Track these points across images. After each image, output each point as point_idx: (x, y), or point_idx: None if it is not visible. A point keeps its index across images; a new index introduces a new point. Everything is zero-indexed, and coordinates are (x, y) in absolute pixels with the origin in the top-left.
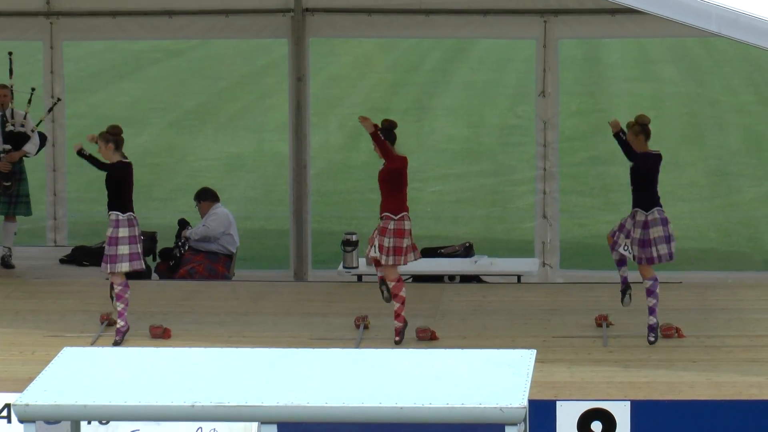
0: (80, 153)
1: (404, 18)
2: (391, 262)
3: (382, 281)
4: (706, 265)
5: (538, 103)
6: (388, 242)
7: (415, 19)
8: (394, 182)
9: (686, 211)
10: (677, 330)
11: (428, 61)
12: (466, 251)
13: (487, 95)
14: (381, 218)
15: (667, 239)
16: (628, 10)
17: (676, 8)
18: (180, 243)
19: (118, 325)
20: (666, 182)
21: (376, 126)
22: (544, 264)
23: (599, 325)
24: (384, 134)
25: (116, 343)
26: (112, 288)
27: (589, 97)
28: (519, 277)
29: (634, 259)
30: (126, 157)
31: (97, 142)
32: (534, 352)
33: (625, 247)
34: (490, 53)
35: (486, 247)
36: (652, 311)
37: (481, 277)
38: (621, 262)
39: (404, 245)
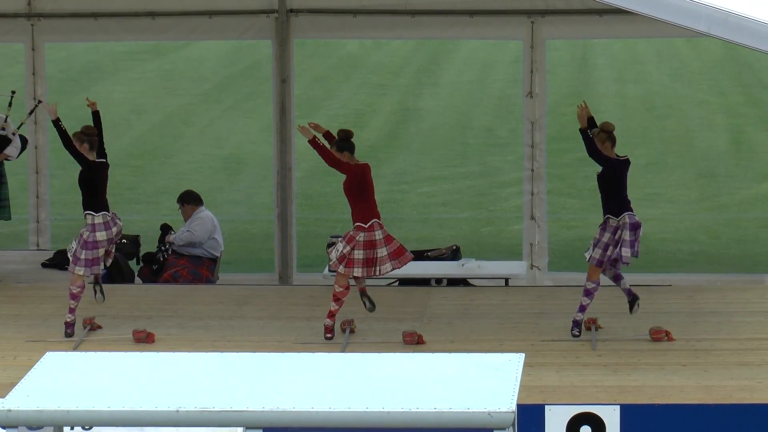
0: (56, 123)
1: (389, 19)
2: (341, 271)
3: (363, 293)
4: (696, 268)
5: (526, 104)
6: (347, 250)
7: (400, 20)
8: (358, 191)
9: (675, 213)
10: (667, 333)
11: (414, 62)
12: (453, 254)
13: (474, 96)
14: (354, 228)
15: (631, 243)
16: (616, 10)
17: (664, 8)
18: (163, 248)
19: (67, 319)
20: (654, 184)
21: (315, 136)
22: (532, 266)
23: (588, 329)
24: (341, 145)
25: (68, 335)
26: (96, 284)
27: (577, 98)
28: (507, 280)
29: (588, 260)
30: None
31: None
32: (522, 355)
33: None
34: (477, 54)
35: (473, 250)
36: (582, 308)
37: (468, 280)
38: (617, 277)
39: (377, 256)
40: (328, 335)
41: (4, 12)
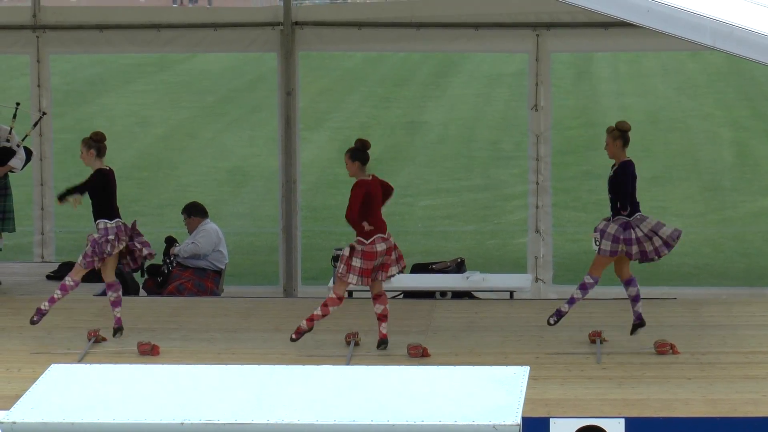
0: (62, 201)
1: (394, 31)
2: (341, 271)
3: (382, 341)
4: (700, 281)
5: (531, 117)
6: (356, 261)
7: (405, 33)
8: (368, 204)
9: (680, 226)
10: (672, 346)
11: (419, 74)
12: (458, 267)
13: (479, 109)
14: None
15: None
16: (621, 23)
17: (669, 22)
18: (168, 260)
19: (42, 306)
20: (659, 197)
21: None
22: (537, 279)
23: (593, 342)
24: (355, 154)
25: (33, 322)
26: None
27: (582, 111)
28: (512, 293)
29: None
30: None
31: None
32: (527, 368)
33: (596, 243)
34: (482, 67)
35: (478, 263)
36: (572, 301)
37: (473, 293)
38: (635, 298)
39: (372, 267)
40: (294, 336)
41: (9, 24)
